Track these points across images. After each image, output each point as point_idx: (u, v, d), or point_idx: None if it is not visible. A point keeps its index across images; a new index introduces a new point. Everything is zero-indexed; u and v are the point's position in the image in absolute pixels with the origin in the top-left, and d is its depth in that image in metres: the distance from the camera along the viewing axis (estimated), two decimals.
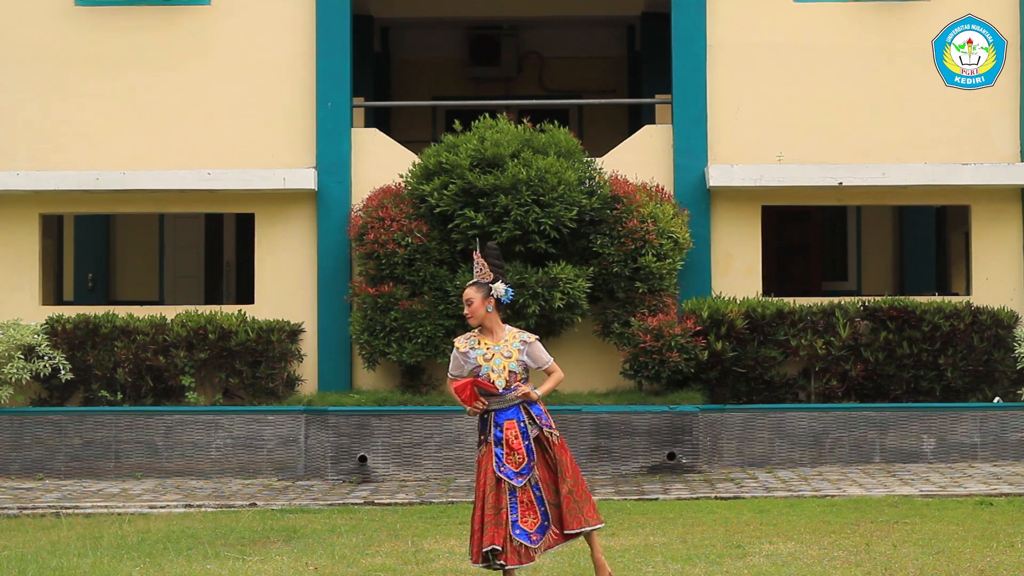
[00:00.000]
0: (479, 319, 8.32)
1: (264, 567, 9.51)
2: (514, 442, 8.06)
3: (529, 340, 8.36)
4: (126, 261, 19.95)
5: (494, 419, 8.15)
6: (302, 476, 14.11)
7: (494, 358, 8.21)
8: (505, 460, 8.05)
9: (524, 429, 8.12)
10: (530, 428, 8.16)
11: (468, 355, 8.26)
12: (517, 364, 8.22)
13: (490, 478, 8.05)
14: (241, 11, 15.68)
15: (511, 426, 8.11)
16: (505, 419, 8.13)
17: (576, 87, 20.68)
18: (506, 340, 8.28)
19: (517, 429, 8.11)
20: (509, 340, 8.29)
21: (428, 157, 14.61)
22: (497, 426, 8.11)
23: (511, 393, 8.15)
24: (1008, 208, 15.51)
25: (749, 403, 14.53)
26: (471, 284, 8.39)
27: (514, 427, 8.11)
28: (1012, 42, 15.49)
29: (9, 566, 9.58)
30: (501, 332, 8.32)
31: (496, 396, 8.16)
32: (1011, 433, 14.20)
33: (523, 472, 8.05)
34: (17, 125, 15.61)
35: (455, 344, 8.39)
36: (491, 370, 8.18)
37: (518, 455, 8.05)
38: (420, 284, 14.36)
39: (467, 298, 8.36)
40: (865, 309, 14.73)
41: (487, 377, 8.16)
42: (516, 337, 8.32)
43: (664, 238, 14.41)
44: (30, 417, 14.40)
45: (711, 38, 15.54)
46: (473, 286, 8.36)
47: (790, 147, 15.44)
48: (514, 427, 8.11)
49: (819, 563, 9.25)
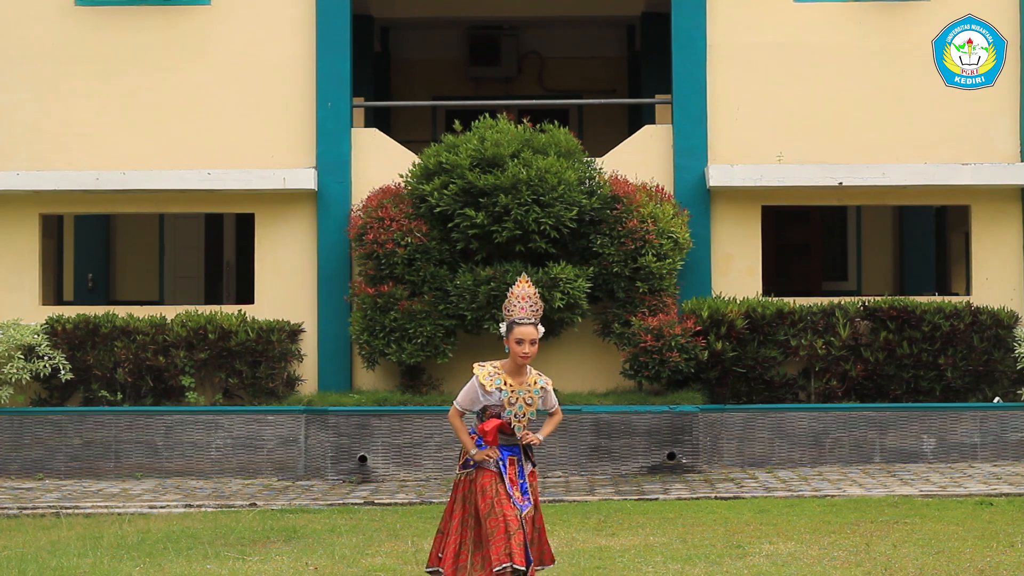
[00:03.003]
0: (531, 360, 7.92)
1: (264, 567, 9.52)
2: (515, 479, 7.93)
3: (548, 387, 8.04)
4: (126, 261, 19.96)
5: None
6: (302, 476, 14.11)
7: (518, 403, 7.88)
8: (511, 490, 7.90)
9: (521, 468, 7.98)
10: (525, 465, 8.02)
11: (493, 395, 7.88)
12: (535, 413, 7.94)
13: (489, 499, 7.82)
14: (241, 11, 15.68)
15: (512, 461, 7.94)
16: (508, 455, 7.94)
17: (576, 87, 20.69)
18: (529, 385, 7.91)
19: (516, 466, 7.95)
20: (531, 385, 7.92)
21: (428, 157, 14.61)
22: (500, 461, 7.92)
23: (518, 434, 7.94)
24: (1008, 208, 15.52)
25: (749, 403, 14.53)
26: (531, 323, 7.84)
27: (514, 463, 7.93)
28: (1012, 42, 15.49)
29: (9, 566, 9.59)
30: (526, 373, 7.93)
31: (507, 436, 7.92)
32: (1011, 433, 14.20)
33: (522, 508, 7.86)
34: (17, 125, 15.61)
35: (478, 375, 7.92)
36: (514, 415, 7.86)
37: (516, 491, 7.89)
38: (420, 284, 14.36)
39: (532, 338, 7.80)
40: (865, 309, 14.73)
41: (509, 422, 7.87)
42: (537, 383, 7.95)
43: (664, 238, 14.41)
44: (30, 417, 14.41)
45: (711, 38, 15.54)
46: (534, 326, 7.85)
47: (790, 147, 15.44)
48: (514, 463, 7.93)
49: (819, 563, 9.25)
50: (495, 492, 7.80)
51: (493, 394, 7.85)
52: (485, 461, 7.87)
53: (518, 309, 7.90)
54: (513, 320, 7.85)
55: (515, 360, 7.84)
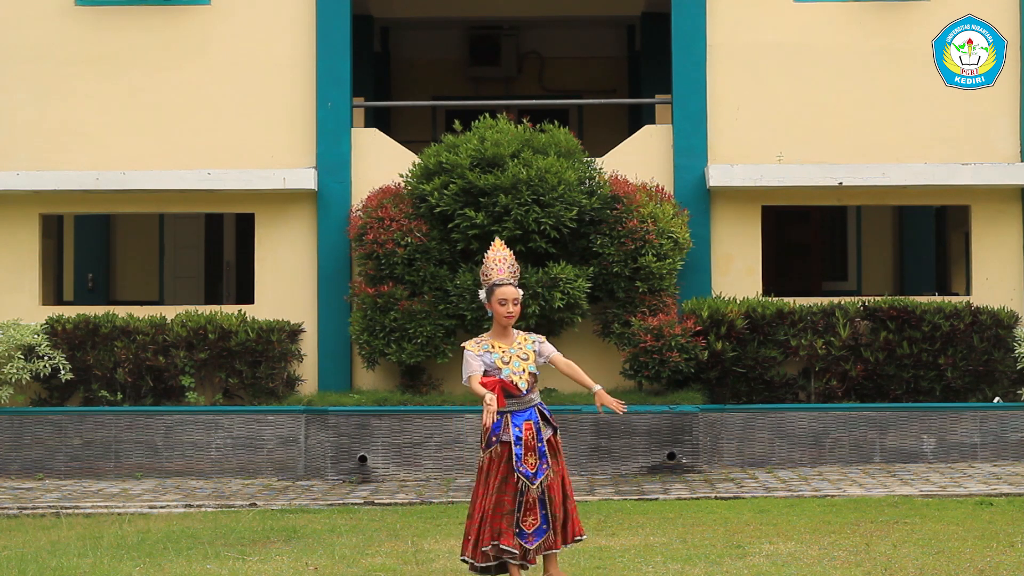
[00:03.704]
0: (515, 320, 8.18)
1: (264, 567, 9.51)
2: (531, 442, 8.04)
3: (540, 340, 8.30)
4: (126, 261, 19.96)
5: (511, 420, 8.09)
6: (302, 476, 14.11)
7: (512, 361, 8.11)
8: (523, 459, 8.02)
9: (539, 430, 8.10)
10: (544, 429, 8.14)
11: (484, 358, 8.11)
12: (535, 366, 8.16)
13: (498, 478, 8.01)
14: (241, 11, 15.68)
15: (528, 427, 8.07)
16: (523, 420, 8.08)
17: (576, 87, 20.69)
18: (519, 343, 8.18)
19: (534, 430, 8.08)
20: (521, 343, 8.19)
21: (428, 157, 14.61)
22: (515, 427, 8.06)
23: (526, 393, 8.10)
24: (1008, 208, 15.52)
25: (749, 403, 14.54)
26: (511, 283, 8.13)
27: (531, 427, 8.07)
28: (1012, 42, 15.49)
29: (9, 566, 9.58)
30: (512, 335, 8.22)
31: (516, 398, 8.09)
32: (1011, 433, 14.20)
33: (538, 474, 8.02)
34: (17, 125, 15.61)
35: (466, 347, 8.18)
36: (512, 372, 8.07)
37: (532, 456, 8.03)
38: (420, 284, 14.36)
39: (515, 298, 8.11)
40: (865, 309, 14.73)
41: (509, 379, 8.07)
42: (527, 339, 8.23)
43: (664, 238, 14.41)
44: (30, 417, 14.41)
45: (711, 38, 15.54)
46: (513, 286, 8.13)
47: (790, 147, 15.44)
48: (531, 427, 8.07)
49: (819, 563, 9.25)
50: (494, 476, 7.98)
51: (484, 358, 8.07)
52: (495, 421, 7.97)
53: (496, 271, 8.14)
54: (493, 282, 8.10)
55: (500, 321, 8.10)
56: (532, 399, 8.16)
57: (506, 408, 8.09)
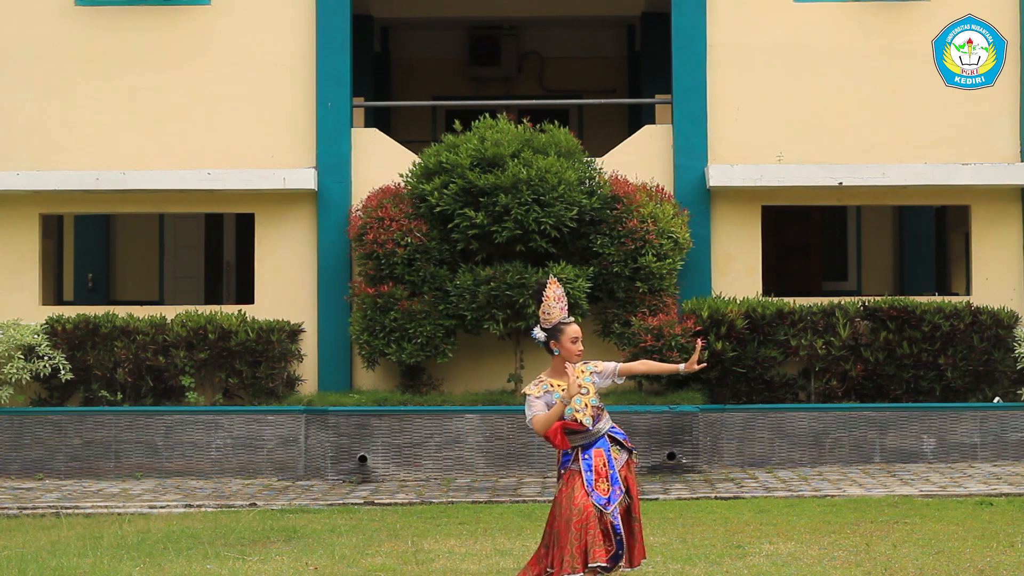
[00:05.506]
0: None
1: (264, 567, 9.52)
2: (602, 470, 7.96)
3: (597, 368, 8.16)
4: (126, 261, 19.96)
5: (580, 453, 7.98)
6: (302, 476, 14.11)
7: (574, 398, 7.96)
8: (595, 485, 7.93)
9: (610, 458, 8.01)
10: (617, 458, 8.04)
11: (544, 399, 7.96)
12: (596, 397, 8.05)
13: (577, 503, 7.87)
14: (241, 11, 15.68)
15: (599, 454, 8.00)
16: (593, 449, 8.01)
17: (576, 87, 20.68)
18: (576, 377, 8.01)
19: (604, 458, 8.00)
20: (579, 376, 8.03)
21: (428, 157, 14.61)
22: (585, 457, 7.97)
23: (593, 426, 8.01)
24: (1008, 208, 15.52)
25: (749, 403, 14.53)
26: (573, 322, 8.07)
27: (601, 454, 8.00)
28: (1012, 42, 15.49)
29: (9, 566, 9.59)
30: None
31: (581, 434, 7.98)
32: (1011, 433, 14.20)
33: (611, 500, 7.92)
34: (17, 125, 15.61)
35: (528, 394, 8.01)
36: (574, 411, 7.93)
37: (604, 482, 7.94)
38: (420, 284, 14.36)
39: (579, 336, 8.05)
40: (865, 309, 14.73)
41: (572, 418, 7.94)
42: (584, 371, 8.08)
43: (664, 238, 14.41)
44: (30, 417, 14.40)
45: (711, 38, 15.54)
46: (575, 323, 8.08)
47: (790, 147, 15.44)
48: (601, 454, 8.00)
49: (819, 563, 9.25)
50: (573, 501, 7.86)
51: (543, 398, 7.98)
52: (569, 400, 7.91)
53: (558, 310, 8.07)
54: (560, 321, 8.04)
55: (570, 359, 8.02)
56: (600, 429, 8.03)
57: (575, 444, 7.97)
